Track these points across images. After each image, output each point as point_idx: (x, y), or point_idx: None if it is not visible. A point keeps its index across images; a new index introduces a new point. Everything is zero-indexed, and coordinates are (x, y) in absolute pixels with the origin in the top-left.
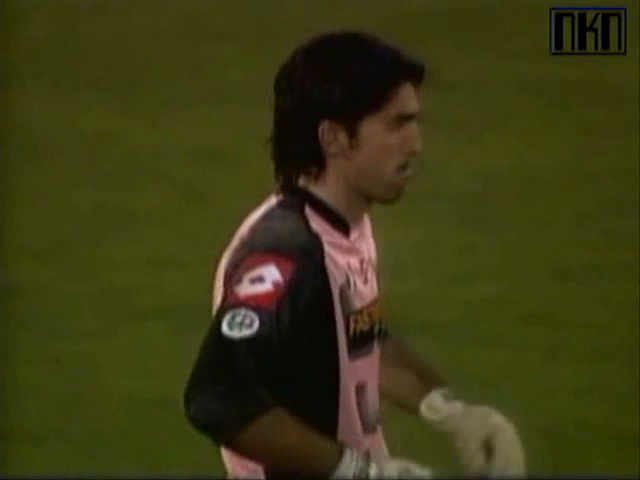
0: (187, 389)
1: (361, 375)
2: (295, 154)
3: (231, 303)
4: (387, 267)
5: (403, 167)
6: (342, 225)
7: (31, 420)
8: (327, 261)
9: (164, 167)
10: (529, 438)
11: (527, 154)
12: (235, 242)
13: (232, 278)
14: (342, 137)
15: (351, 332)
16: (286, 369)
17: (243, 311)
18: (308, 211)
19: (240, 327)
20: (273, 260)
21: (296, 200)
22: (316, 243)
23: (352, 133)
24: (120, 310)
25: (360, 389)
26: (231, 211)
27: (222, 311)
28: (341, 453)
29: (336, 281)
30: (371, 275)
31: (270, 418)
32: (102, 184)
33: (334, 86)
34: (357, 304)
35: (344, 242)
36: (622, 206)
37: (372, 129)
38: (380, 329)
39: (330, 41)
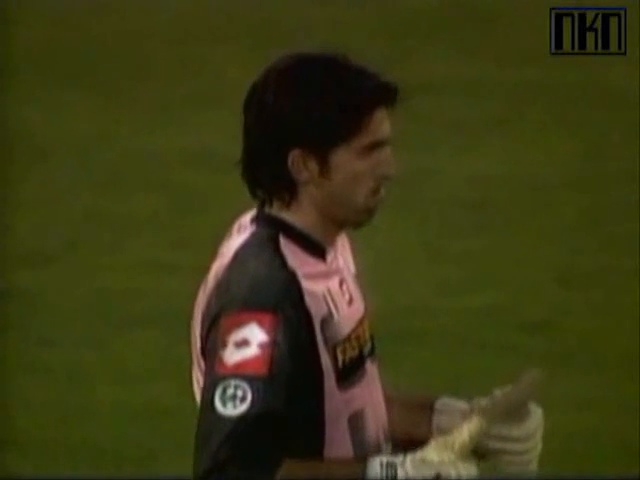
0: (199, 470)
1: (356, 403)
2: (265, 181)
3: (220, 374)
4: (387, 274)
5: (375, 191)
6: (318, 250)
7: (20, 429)
8: (307, 300)
9: (157, 171)
10: None
11: (528, 159)
12: (210, 280)
13: (216, 340)
14: (312, 165)
15: (339, 364)
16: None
17: (233, 382)
18: (283, 242)
19: (233, 401)
20: (254, 318)
21: (270, 230)
22: (293, 284)
23: (323, 162)
24: (112, 317)
25: (356, 417)
26: (226, 216)
27: (212, 382)
28: (365, 465)
29: (318, 317)
30: (355, 290)
31: (284, 473)
32: (94, 188)
33: (306, 116)
34: (344, 331)
35: (321, 267)
36: (626, 211)
37: (343, 157)
38: (372, 346)
39: (303, 65)
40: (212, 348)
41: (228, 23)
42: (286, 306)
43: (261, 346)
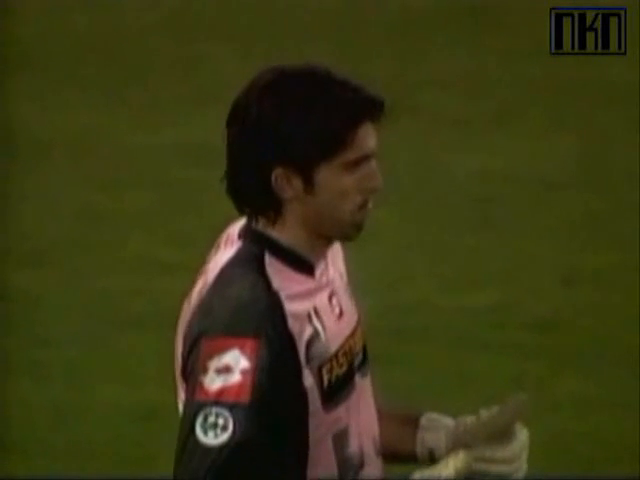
0: None
1: (342, 422)
2: (249, 198)
3: (201, 401)
4: (390, 271)
5: (362, 206)
6: (306, 266)
7: (17, 430)
8: (290, 323)
9: (154, 168)
10: (534, 449)
11: (535, 155)
12: (194, 297)
13: (196, 364)
14: (297, 183)
15: (325, 385)
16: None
17: (214, 410)
18: (268, 260)
19: (214, 430)
20: (236, 344)
21: (256, 248)
22: (277, 308)
23: (307, 179)
24: (109, 317)
25: (341, 435)
26: (224, 214)
27: (193, 410)
28: None
29: (302, 339)
30: (346, 301)
31: None
32: (90, 185)
33: (287, 133)
34: (331, 349)
35: (309, 284)
36: (631, 209)
37: (328, 174)
38: (363, 359)
39: (285, 80)
40: (192, 372)
41: (226, 20)
42: (269, 331)
43: (243, 373)
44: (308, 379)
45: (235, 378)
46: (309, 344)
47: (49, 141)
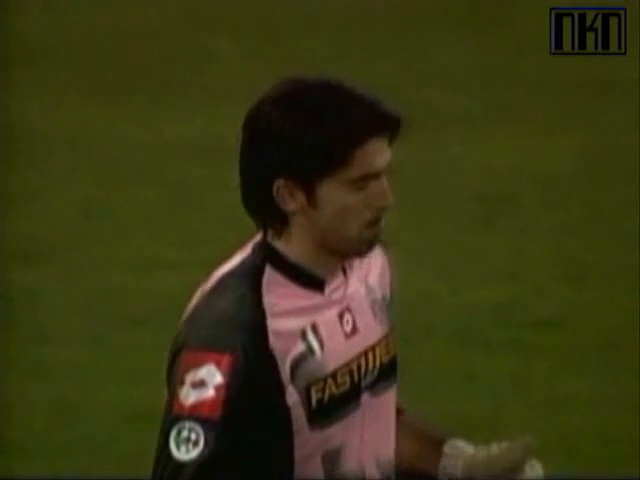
0: None
1: (335, 441)
2: (256, 209)
3: (176, 414)
4: (395, 269)
5: (372, 223)
6: (312, 281)
7: (16, 429)
8: (271, 341)
9: (156, 164)
10: (541, 449)
11: (538, 153)
12: (193, 300)
13: (176, 375)
14: (300, 196)
15: (313, 404)
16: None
17: (188, 424)
18: (269, 273)
19: (187, 445)
20: (212, 359)
21: (258, 260)
22: (259, 325)
23: (310, 193)
24: (109, 314)
25: (333, 454)
26: (225, 210)
27: (168, 423)
28: None
29: (287, 357)
30: (366, 318)
31: None
32: (91, 182)
33: (291, 145)
34: (327, 368)
35: (314, 299)
36: (637, 207)
37: (331, 190)
38: (380, 377)
39: (298, 92)
40: (172, 382)
41: (231, 15)
42: (247, 348)
43: (217, 388)
44: (292, 397)
45: (209, 393)
46: (297, 362)
47: (50, 137)
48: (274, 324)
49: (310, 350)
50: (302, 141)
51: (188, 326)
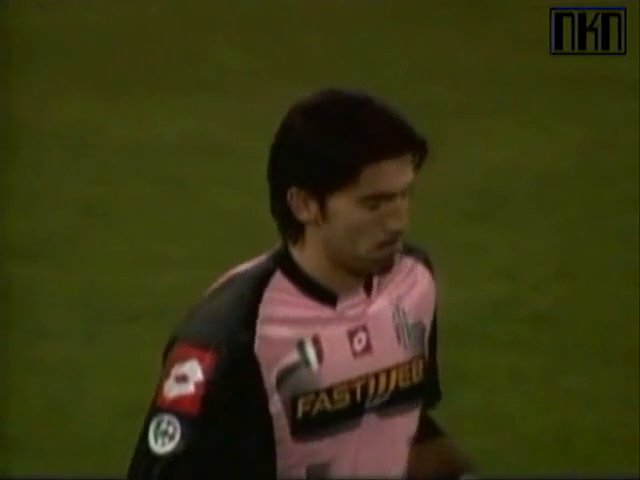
0: None
1: (321, 455)
2: (275, 214)
3: (158, 406)
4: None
5: (385, 244)
6: (323, 294)
7: (10, 426)
8: (257, 346)
9: (151, 160)
10: (538, 444)
11: (533, 147)
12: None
13: (164, 367)
14: (313, 206)
15: (298, 415)
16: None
17: (167, 417)
18: (277, 279)
19: (163, 438)
20: (196, 355)
21: (271, 265)
22: (247, 329)
23: (322, 205)
24: (104, 311)
25: (317, 469)
26: (221, 206)
27: (150, 414)
28: None
29: (273, 365)
30: (385, 340)
31: None
32: (88, 178)
33: (306, 155)
34: (323, 381)
35: (321, 312)
36: (631, 203)
37: (341, 204)
38: (392, 400)
39: (324, 104)
40: (161, 374)
41: (226, 11)
42: (232, 349)
43: (196, 385)
44: (276, 406)
45: (189, 389)
46: (287, 371)
47: (47, 134)
48: (265, 329)
49: (305, 362)
50: (314, 151)
51: (185, 320)
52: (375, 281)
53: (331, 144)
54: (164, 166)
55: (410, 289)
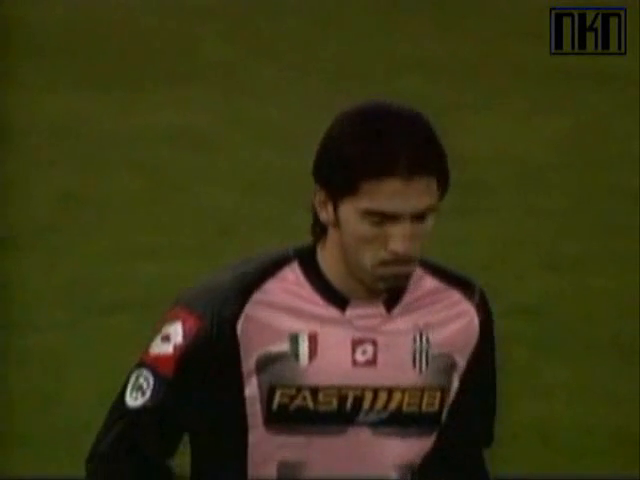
0: (90, 453)
1: (292, 452)
2: (312, 208)
3: (141, 361)
4: None
5: (387, 263)
6: (334, 295)
7: None
8: (241, 325)
9: (136, 152)
10: (518, 437)
11: (519, 139)
12: None
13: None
14: (330, 208)
15: (274, 406)
16: (184, 435)
17: (145, 373)
18: (292, 268)
19: (137, 392)
20: (182, 317)
21: (292, 253)
22: (236, 305)
23: (335, 208)
24: (88, 302)
25: (288, 468)
26: (207, 198)
27: (134, 366)
28: None
29: (254, 348)
30: (396, 360)
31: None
32: (73, 169)
33: (325, 159)
34: (308, 379)
35: (326, 312)
36: (620, 193)
37: (348, 212)
38: (392, 421)
39: (360, 112)
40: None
41: (210, 2)
42: (216, 320)
43: (175, 347)
44: (251, 388)
45: (168, 349)
46: (270, 359)
47: (32, 125)
48: (255, 310)
49: (294, 355)
50: (329, 156)
51: (200, 280)
52: (403, 301)
53: (340, 152)
54: (149, 158)
55: (446, 321)
